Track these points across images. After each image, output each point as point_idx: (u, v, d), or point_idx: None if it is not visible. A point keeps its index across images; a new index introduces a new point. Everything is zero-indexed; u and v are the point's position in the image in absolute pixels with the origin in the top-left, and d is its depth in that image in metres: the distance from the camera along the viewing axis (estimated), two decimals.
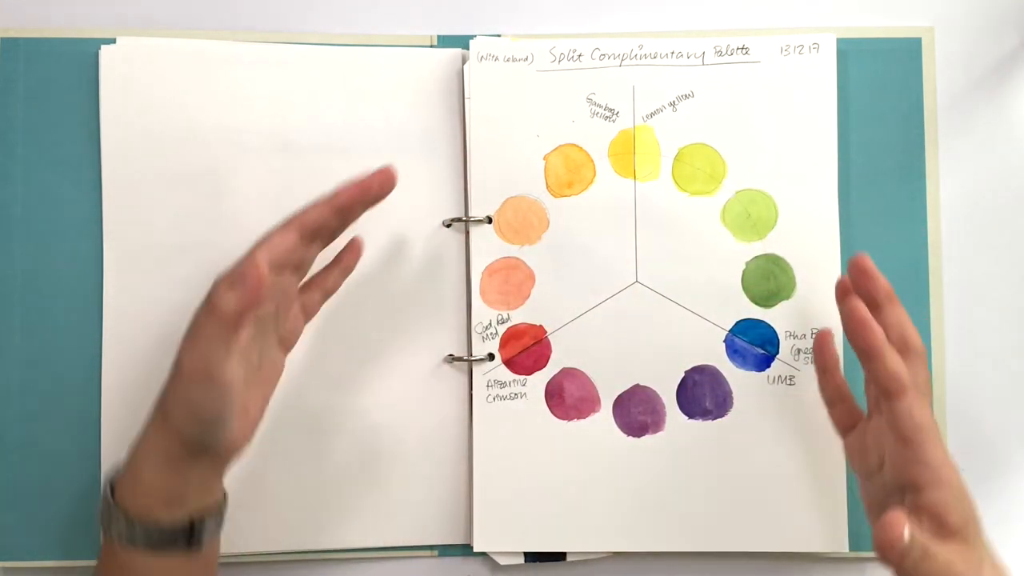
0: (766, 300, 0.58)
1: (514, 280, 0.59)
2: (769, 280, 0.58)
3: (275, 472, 0.58)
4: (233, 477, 0.57)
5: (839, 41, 0.58)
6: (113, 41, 0.59)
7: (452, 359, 0.59)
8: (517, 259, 0.59)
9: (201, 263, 0.58)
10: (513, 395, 0.58)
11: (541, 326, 0.58)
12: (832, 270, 0.58)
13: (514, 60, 0.59)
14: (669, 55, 0.59)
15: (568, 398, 0.58)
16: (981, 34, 0.60)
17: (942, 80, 0.60)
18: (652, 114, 0.58)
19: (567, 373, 0.58)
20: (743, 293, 0.58)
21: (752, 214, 0.58)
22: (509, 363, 0.59)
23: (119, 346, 0.58)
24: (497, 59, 0.59)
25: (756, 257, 0.58)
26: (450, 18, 0.61)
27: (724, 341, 0.58)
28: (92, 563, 0.57)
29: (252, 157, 0.59)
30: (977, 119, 0.60)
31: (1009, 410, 0.59)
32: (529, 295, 0.58)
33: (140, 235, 0.58)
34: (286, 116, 0.59)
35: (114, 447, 0.58)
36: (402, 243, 0.59)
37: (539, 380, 0.58)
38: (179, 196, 0.58)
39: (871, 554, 0.58)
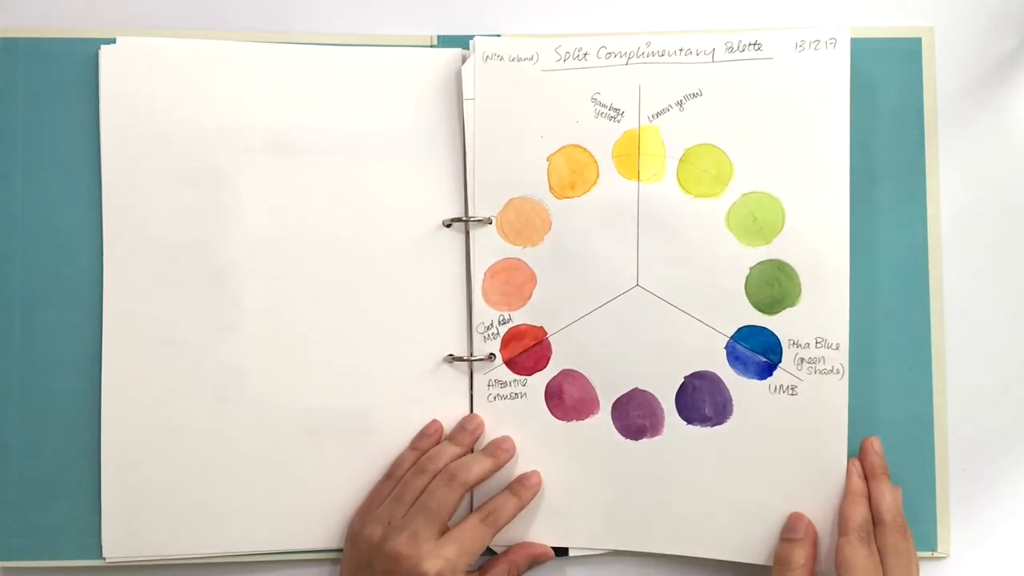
0: (769, 307, 0.56)
1: (516, 281, 0.58)
2: (773, 286, 0.56)
3: (275, 472, 0.58)
4: (232, 477, 0.58)
5: None
6: (113, 41, 0.58)
7: (452, 359, 0.59)
8: (519, 260, 0.58)
9: (201, 263, 0.58)
10: (513, 395, 0.58)
11: (542, 327, 0.58)
12: (840, 277, 0.56)
13: (519, 59, 0.58)
14: (678, 52, 0.57)
15: (568, 399, 0.58)
16: (981, 34, 0.60)
17: (942, 80, 0.60)
18: (658, 114, 0.57)
19: (567, 374, 0.58)
20: (746, 299, 0.56)
21: (759, 218, 0.56)
22: (510, 363, 0.58)
23: (119, 346, 0.58)
24: (502, 58, 0.58)
25: (761, 262, 0.56)
26: (450, 18, 0.61)
27: (725, 348, 0.57)
28: (92, 563, 0.58)
29: (252, 157, 0.59)
30: (977, 119, 0.60)
31: (1009, 410, 0.59)
32: (530, 296, 0.58)
33: (140, 235, 0.58)
34: (286, 116, 0.59)
35: (114, 447, 0.57)
36: (402, 243, 0.59)
37: (539, 381, 0.58)
38: (179, 196, 0.58)
39: None
